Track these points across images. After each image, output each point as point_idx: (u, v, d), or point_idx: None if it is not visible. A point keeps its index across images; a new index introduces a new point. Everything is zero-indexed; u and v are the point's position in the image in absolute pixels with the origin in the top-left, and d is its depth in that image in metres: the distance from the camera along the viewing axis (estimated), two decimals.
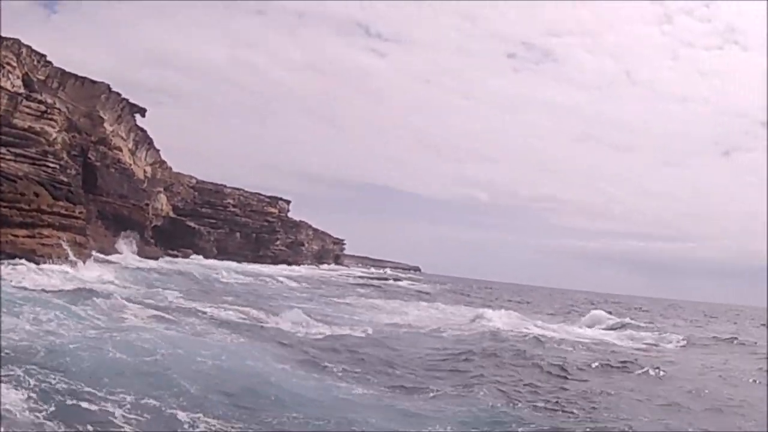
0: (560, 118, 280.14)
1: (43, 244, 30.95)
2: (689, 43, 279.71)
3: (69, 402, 10.26)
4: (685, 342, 29.04)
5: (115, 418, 9.94)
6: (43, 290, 22.18)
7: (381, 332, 24.37)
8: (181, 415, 10.43)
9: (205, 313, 22.92)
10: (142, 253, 51.32)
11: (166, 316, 20.33)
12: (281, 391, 12.82)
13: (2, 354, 11.95)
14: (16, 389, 10.20)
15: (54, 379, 11.10)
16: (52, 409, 9.82)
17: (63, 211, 34.03)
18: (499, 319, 30.87)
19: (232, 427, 10.36)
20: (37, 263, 29.29)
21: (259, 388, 12.84)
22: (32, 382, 10.74)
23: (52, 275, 27.38)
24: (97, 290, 24.97)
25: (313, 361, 16.71)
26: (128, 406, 10.45)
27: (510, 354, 20.55)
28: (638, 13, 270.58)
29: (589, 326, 33.93)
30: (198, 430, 10.09)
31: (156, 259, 51.63)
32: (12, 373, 10.93)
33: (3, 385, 10.17)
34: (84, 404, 10.28)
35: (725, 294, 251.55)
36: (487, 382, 15.81)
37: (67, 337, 14.39)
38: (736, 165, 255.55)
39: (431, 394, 14.18)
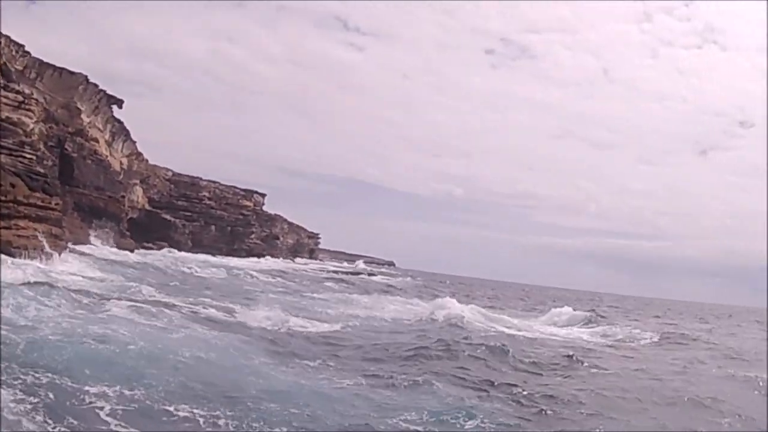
0: (539, 114, 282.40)
1: (19, 236, 30.96)
2: (668, 41, 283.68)
3: (54, 397, 10.45)
4: (631, 339, 29.69)
5: (101, 410, 10.29)
6: (18, 284, 21.81)
7: (354, 326, 25.01)
8: (167, 407, 10.85)
9: (181, 307, 23.04)
10: (117, 246, 51.43)
11: (143, 309, 20.37)
12: (260, 383, 13.27)
13: None
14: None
15: (37, 374, 11.26)
16: (39, 404, 10.01)
17: (39, 203, 34.04)
18: (461, 312, 31.21)
19: (216, 419, 10.79)
20: (13, 255, 29.36)
21: (239, 380, 13.33)
22: (15, 377, 10.92)
23: (26, 268, 27.33)
24: (72, 283, 25.27)
25: (289, 353, 17.26)
26: (113, 399, 10.79)
27: (460, 346, 20.95)
28: (618, 11, 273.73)
29: (551, 323, 35.03)
30: (183, 422, 10.53)
31: (131, 251, 51.73)
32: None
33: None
34: (69, 399, 10.55)
35: (705, 292, 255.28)
36: (444, 374, 16.47)
37: (45, 331, 14.48)
38: (714, 164, 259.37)
39: (403, 385, 14.70)
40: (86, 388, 11.06)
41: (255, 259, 76.69)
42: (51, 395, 10.47)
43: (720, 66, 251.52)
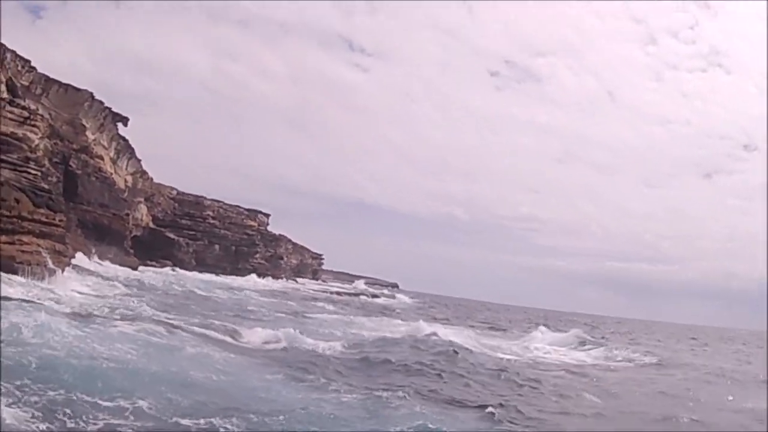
0: (542, 137, 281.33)
1: (22, 251, 30.50)
2: (673, 65, 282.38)
3: (72, 413, 10.46)
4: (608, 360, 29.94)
5: (118, 427, 10.28)
6: (24, 301, 21.72)
7: (355, 345, 25.03)
8: (180, 422, 10.88)
9: (186, 326, 22.93)
10: (120, 263, 50.92)
11: (149, 328, 20.24)
12: (269, 399, 13.47)
13: None
14: (16, 404, 10.28)
15: (53, 391, 11.23)
16: (55, 421, 10.02)
17: (43, 219, 33.61)
18: (452, 335, 31.32)
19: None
20: (16, 271, 28.94)
21: (249, 397, 13.41)
22: (32, 394, 10.92)
23: (31, 286, 27.04)
24: (77, 301, 25.37)
25: (295, 371, 17.47)
26: (129, 416, 10.82)
27: (440, 364, 21.62)
28: (623, 34, 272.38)
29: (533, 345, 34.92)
30: None
31: (135, 269, 51.29)
32: (8, 386, 10.96)
33: (3, 399, 10.26)
34: (86, 414, 10.54)
35: (705, 315, 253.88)
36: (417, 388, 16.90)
37: (55, 350, 14.25)
38: (717, 187, 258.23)
39: (400, 398, 14.93)
40: (102, 403, 11.07)
41: (258, 279, 76.21)
42: (68, 411, 10.51)
43: (724, 89, 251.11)
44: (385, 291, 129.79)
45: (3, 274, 27.67)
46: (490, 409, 14.97)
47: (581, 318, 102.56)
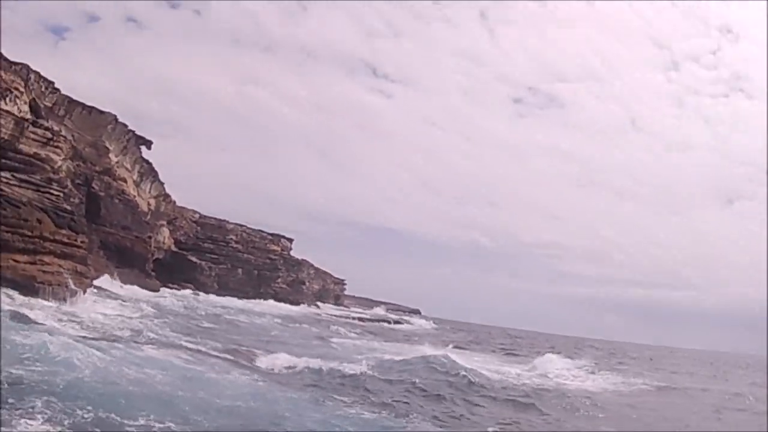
0: (564, 163, 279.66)
1: (43, 271, 30.16)
2: (695, 90, 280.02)
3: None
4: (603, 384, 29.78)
5: None
6: (47, 323, 21.93)
7: (378, 368, 24.84)
8: None
9: (210, 350, 23.16)
10: (142, 286, 50.48)
11: (172, 351, 20.46)
12: (297, 419, 13.89)
13: (23, 386, 12.08)
14: (48, 421, 10.47)
15: (79, 409, 11.30)
16: None
17: (65, 240, 33.30)
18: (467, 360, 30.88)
19: None
20: (37, 291, 28.51)
21: (279, 417, 13.74)
22: (58, 412, 11.02)
23: (53, 307, 26.74)
24: (99, 322, 25.70)
25: (321, 392, 18.22)
26: None
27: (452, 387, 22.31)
28: (645, 60, 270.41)
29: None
30: None
31: (156, 291, 50.85)
32: (36, 403, 11.18)
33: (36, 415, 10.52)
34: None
35: (727, 342, 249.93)
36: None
37: (82, 371, 14.17)
38: (739, 213, 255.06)
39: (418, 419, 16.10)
40: (129, 423, 11.17)
41: (280, 304, 75.60)
42: (98, 430, 10.64)
43: (746, 114, 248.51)
44: (404, 316, 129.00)
45: (25, 295, 27.42)
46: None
47: (602, 344, 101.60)
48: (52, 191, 35.72)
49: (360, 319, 79.82)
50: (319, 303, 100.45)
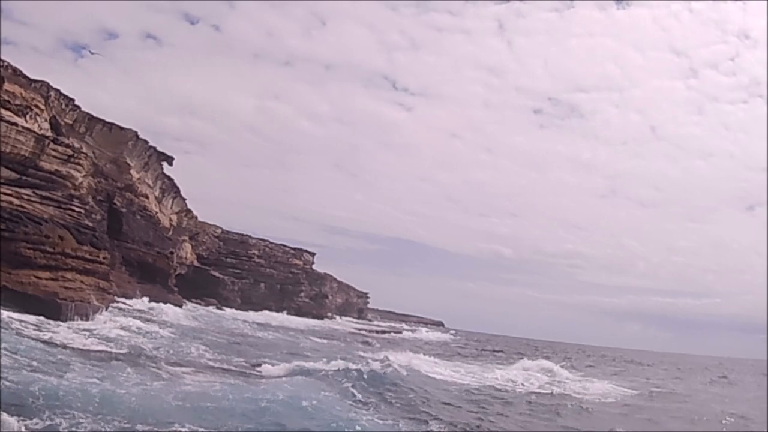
0: (585, 173, 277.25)
1: (65, 288, 29.97)
2: (714, 97, 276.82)
3: None
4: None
5: None
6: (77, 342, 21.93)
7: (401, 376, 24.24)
8: None
9: (242, 365, 23.22)
10: (165, 301, 50.22)
11: (200, 367, 20.52)
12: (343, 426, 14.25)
13: (57, 402, 12.27)
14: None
15: (116, 421, 11.74)
16: None
17: (87, 256, 33.18)
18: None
19: None
20: (60, 308, 28.26)
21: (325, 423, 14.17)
22: (98, 422, 11.50)
23: (75, 327, 26.60)
24: (123, 338, 25.58)
25: (359, 403, 17.90)
26: None
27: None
28: (664, 67, 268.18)
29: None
30: None
31: (179, 306, 50.62)
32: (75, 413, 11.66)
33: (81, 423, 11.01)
34: None
35: (750, 349, 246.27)
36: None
37: (112, 383, 14.43)
38: (760, 220, 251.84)
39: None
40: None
41: (304, 319, 75.22)
42: None
43: (766, 120, 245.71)
44: (418, 327, 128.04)
45: (44, 317, 27.18)
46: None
47: (625, 353, 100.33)
48: (73, 208, 35.73)
49: (369, 330, 79.29)
50: (337, 317, 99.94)
